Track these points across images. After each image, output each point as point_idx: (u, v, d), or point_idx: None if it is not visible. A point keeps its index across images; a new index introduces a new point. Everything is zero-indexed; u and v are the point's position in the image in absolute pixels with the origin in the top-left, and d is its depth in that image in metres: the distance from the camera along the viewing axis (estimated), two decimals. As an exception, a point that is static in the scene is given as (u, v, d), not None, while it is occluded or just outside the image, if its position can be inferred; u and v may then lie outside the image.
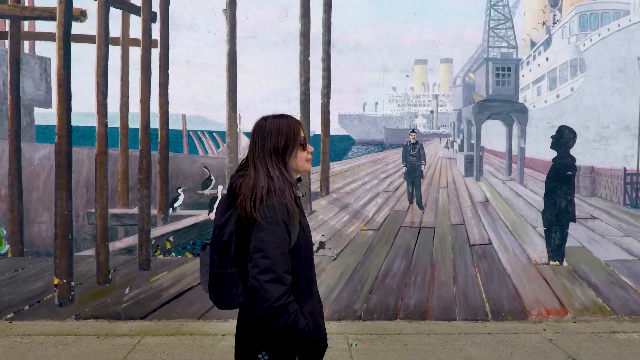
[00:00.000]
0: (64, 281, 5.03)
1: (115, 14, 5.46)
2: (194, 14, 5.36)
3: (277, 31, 5.37)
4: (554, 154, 5.90)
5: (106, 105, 5.26)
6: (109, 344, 4.88)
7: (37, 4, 5.73)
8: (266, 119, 2.32)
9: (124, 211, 5.46)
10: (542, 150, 5.70)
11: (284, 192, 2.20)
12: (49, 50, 5.52)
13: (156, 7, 5.43)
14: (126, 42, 5.37)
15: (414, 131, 5.65)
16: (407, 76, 5.53)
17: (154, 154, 5.38)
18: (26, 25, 5.73)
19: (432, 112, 5.87)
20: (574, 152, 5.99)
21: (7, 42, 5.48)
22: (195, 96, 5.39)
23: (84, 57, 5.33)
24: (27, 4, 5.63)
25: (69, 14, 4.88)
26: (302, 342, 2.21)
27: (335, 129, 5.63)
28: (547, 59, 5.68)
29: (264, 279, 2.11)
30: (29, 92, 5.45)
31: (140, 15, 5.30)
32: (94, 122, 5.36)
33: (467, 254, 5.79)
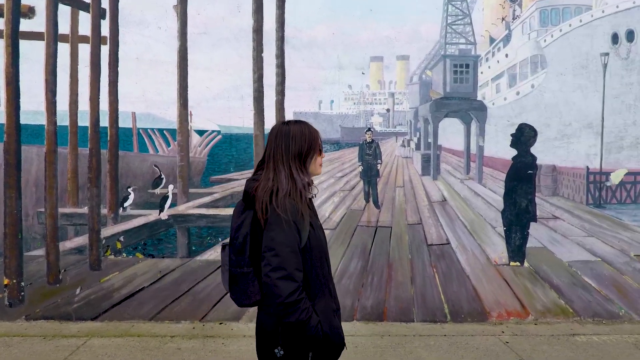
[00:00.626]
0: (14, 281, 5.00)
1: (64, 11, 5.40)
2: (144, 10, 5.30)
3: (229, 27, 5.31)
4: (514, 152, 5.83)
5: (55, 103, 5.21)
6: (54, 345, 4.85)
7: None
8: (287, 123, 2.43)
9: (74, 210, 5.43)
10: (501, 148, 5.63)
11: (301, 194, 2.35)
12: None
13: (105, 3, 5.38)
14: (75, 39, 5.33)
15: (370, 130, 5.59)
16: (363, 74, 5.46)
17: (103, 153, 5.35)
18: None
19: (388, 110, 5.83)
20: (534, 150, 5.92)
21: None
22: (145, 93, 5.33)
23: (33, 54, 5.27)
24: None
25: (17, 10, 4.85)
26: (314, 339, 2.29)
27: (290, 127, 5.50)
28: (506, 56, 5.62)
29: (275, 276, 2.23)
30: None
31: (89, 11, 5.26)
32: (43, 120, 5.32)
33: (425, 254, 5.73)
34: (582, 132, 5.81)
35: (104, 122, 5.51)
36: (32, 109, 5.43)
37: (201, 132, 5.48)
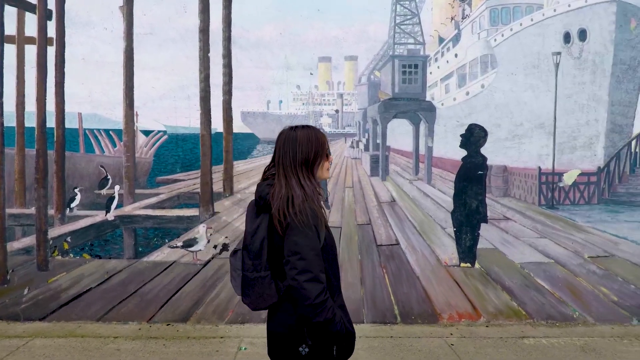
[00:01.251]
0: (-37, 282, 5.08)
1: (10, 12, 5.47)
2: (90, 11, 5.38)
3: (175, 27, 5.38)
4: (463, 153, 5.85)
5: (2, 104, 5.31)
6: (-5, 344, 4.90)
7: None
8: (295, 129, 2.48)
9: (21, 211, 5.50)
10: (451, 149, 5.67)
11: (314, 199, 2.43)
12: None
13: (52, 4, 5.47)
14: (22, 40, 5.41)
15: (318, 130, 5.58)
16: (311, 74, 5.52)
17: (50, 154, 5.42)
18: None
19: (337, 111, 5.89)
20: (485, 151, 5.95)
21: None
22: (91, 94, 5.41)
23: (-21, 55, 5.34)
24: None
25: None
26: (339, 334, 2.42)
27: (238, 127, 5.64)
28: (456, 55, 5.66)
29: (302, 279, 2.31)
30: None
31: (35, 12, 5.33)
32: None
33: (375, 254, 5.79)
34: (534, 133, 5.83)
35: (51, 122, 5.58)
36: (-21, 110, 5.49)
37: (147, 133, 5.55)
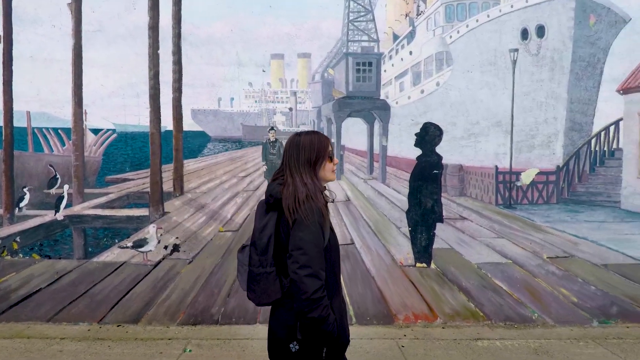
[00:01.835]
0: None
1: (-44, 8, 5.43)
2: (38, 8, 5.35)
3: (124, 24, 5.36)
4: (418, 152, 5.81)
5: (-51, 102, 5.26)
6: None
7: None
8: (300, 135, 2.73)
9: (-30, 211, 5.48)
10: (405, 148, 5.65)
11: (317, 197, 2.57)
12: None
13: (-2, 0, 5.40)
14: (-32, 37, 5.37)
15: (273, 129, 5.61)
16: (264, 71, 5.50)
17: (-2, 152, 5.39)
18: None
19: (291, 109, 5.85)
20: (440, 149, 5.92)
21: None
22: (40, 92, 5.39)
23: None
24: None
25: None
26: (330, 335, 2.51)
27: (188, 125, 5.63)
28: (410, 53, 5.64)
29: (303, 273, 2.44)
30: None
31: (-18, 9, 5.29)
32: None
33: (330, 255, 5.68)
34: (491, 131, 5.79)
35: (-2, 121, 5.55)
36: None
37: (96, 131, 5.53)
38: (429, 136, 6.19)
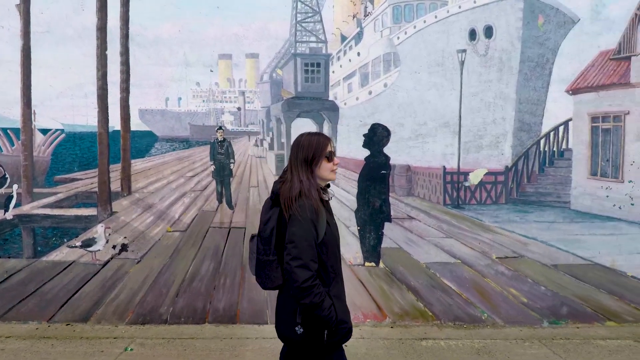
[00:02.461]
0: None
1: None
2: (-15, 9, 5.46)
3: (73, 25, 5.50)
4: (367, 152, 5.91)
5: None
6: None
7: None
8: (302, 135, 3.01)
9: None
10: (354, 148, 5.76)
11: (311, 194, 2.81)
12: None
13: (-53, 1, 5.54)
14: None
15: (221, 128, 5.74)
16: (211, 71, 5.62)
17: (-54, 152, 5.54)
18: None
19: (239, 109, 5.98)
20: (388, 150, 6.03)
21: None
22: (-12, 93, 5.50)
23: None
24: None
25: None
26: (327, 319, 2.77)
27: (136, 125, 5.76)
28: (358, 54, 5.76)
29: (294, 264, 2.71)
30: None
31: None
32: None
33: (279, 255, 5.80)
34: (438, 132, 5.90)
35: (-53, 121, 5.69)
36: None
37: (45, 131, 5.62)
38: (377, 137, 6.29)
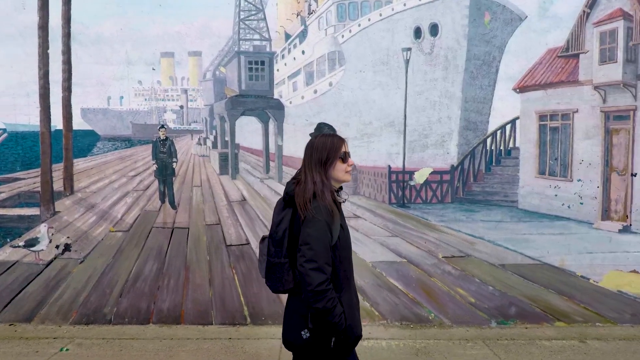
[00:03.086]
0: None
1: None
2: None
3: (14, 24, 5.53)
4: (313, 151, 5.91)
5: None
6: None
7: None
8: (317, 137, 2.99)
9: None
10: (300, 147, 5.69)
11: (325, 195, 2.79)
12: None
13: None
14: None
15: (163, 127, 5.79)
16: (154, 69, 5.67)
17: None
18: None
19: (181, 107, 6.03)
20: (335, 149, 6.00)
21: None
22: None
23: None
24: None
25: None
26: (337, 326, 2.72)
27: (78, 124, 5.83)
28: (303, 52, 5.83)
29: (308, 267, 2.66)
30: None
31: None
32: None
33: (224, 255, 5.95)
34: (384, 131, 5.95)
35: None
36: None
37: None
38: (322, 135, 6.31)
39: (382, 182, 6.63)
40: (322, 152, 2.86)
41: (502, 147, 6.86)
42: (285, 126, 6.52)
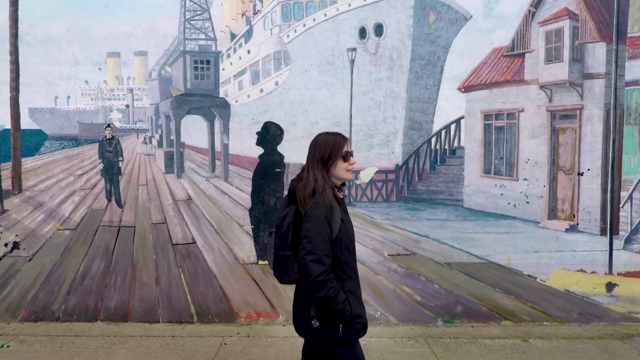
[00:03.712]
0: None
1: None
2: None
3: (-39, 25, 5.72)
4: (260, 150, 6.07)
5: None
6: None
7: None
8: (320, 135, 3.11)
9: None
10: (247, 146, 5.98)
11: (325, 191, 2.88)
12: None
13: None
14: None
15: (109, 126, 5.94)
16: (100, 69, 5.82)
17: None
18: None
19: (127, 106, 6.17)
20: (282, 149, 6.23)
21: None
22: None
23: None
24: None
25: None
26: (342, 313, 2.85)
27: (26, 123, 6.00)
28: (248, 52, 5.98)
29: (308, 259, 2.81)
30: None
31: None
32: None
33: (170, 253, 6.06)
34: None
35: None
36: None
37: None
38: (270, 135, 6.48)
39: (329, 181, 6.72)
40: (325, 150, 2.97)
41: (446, 147, 7.00)
42: (231, 125, 6.69)
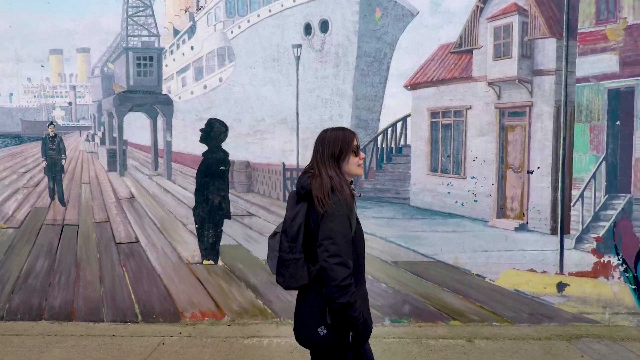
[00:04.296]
0: None
1: None
2: None
3: None
4: (204, 148, 6.05)
5: None
6: None
7: None
8: (327, 131, 2.93)
9: None
10: (190, 144, 5.98)
11: (343, 189, 2.73)
12: None
13: None
14: None
15: (52, 123, 5.93)
16: (42, 66, 5.82)
17: None
18: None
19: (70, 103, 6.16)
20: (227, 146, 6.23)
21: None
22: None
23: None
24: None
25: None
26: (357, 320, 2.67)
27: (-32, 122, 6.02)
28: (192, 48, 5.98)
29: (333, 262, 2.60)
30: None
31: None
32: None
33: (114, 252, 6.08)
34: (277, 128, 6.13)
35: None
36: None
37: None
38: (214, 132, 6.49)
39: (277, 179, 6.85)
40: (335, 146, 2.83)
41: (393, 145, 7.02)
42: (174, 122, 6.74)
